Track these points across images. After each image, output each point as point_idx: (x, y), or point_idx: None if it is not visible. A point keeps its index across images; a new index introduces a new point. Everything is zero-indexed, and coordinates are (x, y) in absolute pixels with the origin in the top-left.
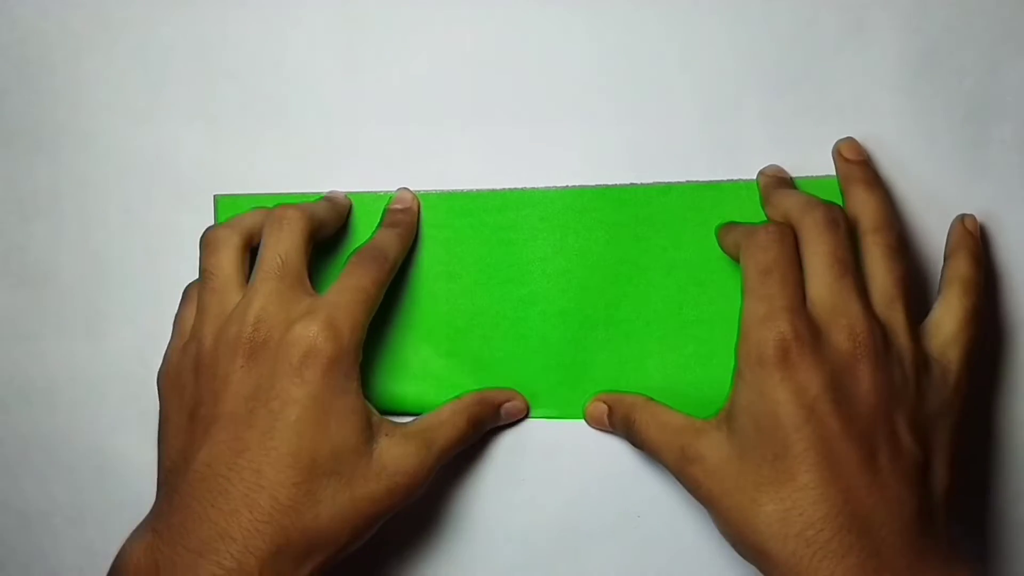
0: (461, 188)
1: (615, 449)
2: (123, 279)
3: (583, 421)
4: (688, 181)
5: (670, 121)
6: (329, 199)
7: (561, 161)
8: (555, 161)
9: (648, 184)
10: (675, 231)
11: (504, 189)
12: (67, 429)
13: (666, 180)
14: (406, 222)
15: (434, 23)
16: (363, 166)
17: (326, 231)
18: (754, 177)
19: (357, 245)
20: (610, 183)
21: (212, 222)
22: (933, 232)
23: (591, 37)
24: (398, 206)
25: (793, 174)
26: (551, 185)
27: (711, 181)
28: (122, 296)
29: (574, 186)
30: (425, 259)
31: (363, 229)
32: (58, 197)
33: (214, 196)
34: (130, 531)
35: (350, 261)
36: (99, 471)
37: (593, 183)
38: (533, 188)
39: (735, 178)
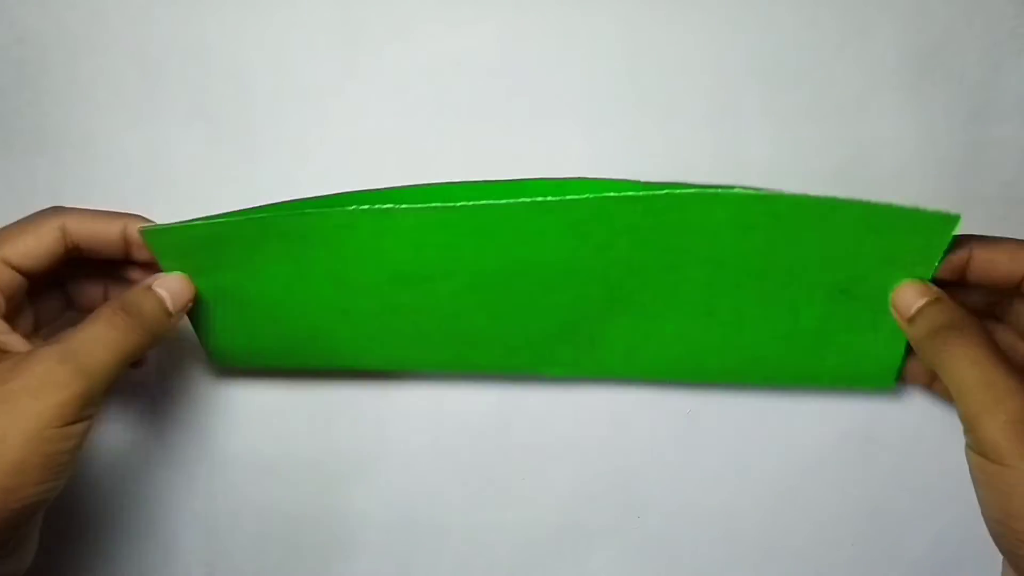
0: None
1: (615, 449)
2: None
3: (594, 380)
4: (728, 185)
5: (670, 121)
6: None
7: (561, 161)
8: (555, 161)
9: (688, 190)
10: (713, 239)
11: (517, 202)
12: None
13: (666, 180)
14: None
15: (434, 23)
16: (363, 167)
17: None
18: (770, 181)
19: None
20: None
21: None
22: None
23: (592, 37)
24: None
25: (793, 173)
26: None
27: (757, 189)
28: None
29: (599, 194)
30: (417, 263)
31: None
32: (58, 197)
33: (139, 229)
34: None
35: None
36: (92, 469)
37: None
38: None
39: (740, 180)
